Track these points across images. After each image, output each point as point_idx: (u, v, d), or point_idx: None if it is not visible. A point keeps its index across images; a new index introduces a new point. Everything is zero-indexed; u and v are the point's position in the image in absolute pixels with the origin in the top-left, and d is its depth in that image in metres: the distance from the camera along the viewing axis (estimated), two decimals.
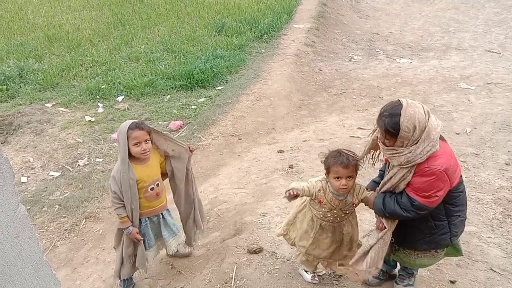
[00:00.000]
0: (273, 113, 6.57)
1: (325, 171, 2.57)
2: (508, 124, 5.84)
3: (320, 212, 2.66)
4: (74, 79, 8.23)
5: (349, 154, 2.47)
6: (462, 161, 4.95)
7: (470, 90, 7.11)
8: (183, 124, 6.50)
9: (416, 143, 2.12)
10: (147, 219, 3.13)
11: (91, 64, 8.66)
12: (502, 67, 8.10)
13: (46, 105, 7.45)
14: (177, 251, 3.60)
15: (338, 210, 2.61)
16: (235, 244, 3.40)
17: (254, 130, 6.18)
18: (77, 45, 9.49)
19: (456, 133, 5.73)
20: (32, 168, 5.84)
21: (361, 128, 5.93)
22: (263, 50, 9.25)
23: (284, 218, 3.82)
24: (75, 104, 7.41)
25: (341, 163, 2.41)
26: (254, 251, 3.17)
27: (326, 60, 9.02)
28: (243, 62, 8.53)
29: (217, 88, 7.62)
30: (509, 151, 5.21)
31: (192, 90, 7.52)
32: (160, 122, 6.60)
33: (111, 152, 6.10)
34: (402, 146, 2.16)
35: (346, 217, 2.67)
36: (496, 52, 9.13)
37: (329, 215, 2.64)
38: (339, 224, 2.67)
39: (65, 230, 4.46)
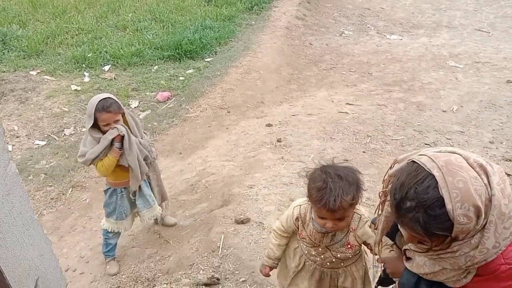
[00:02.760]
0: (262, 87, 6.53)
1: (306, 195, 1.75)
2: (493, 103, 5.91)
3: (304, 245, 1.92)
4: (60, 46, 8.03)
5: (340, 193, 1.59)
6: (447, 139, 5.04)
7: (458, 69, 7.15)
8: (171, 96, 6.43)
9: (483, 228, 1.14)
10: (123, 189, 3.12)
11: (77, 32, 8.42)
12: (490, 46, 8.14)
13: (31, 72, 7.28)
14: (162, 219, 3.65)
15: (325, 249, 1.84)
16: (222, 214, 3.43)
17: (243, 103, 6.15)
18: (63, 12, 9.20)
19: (443, 111, 5.79)
20: (17, 137, 5.75)
21: (349, 104, 5.95)
22: (253, 22, 9.11)
23: (272, 191, 3.88)
24: (61, 73, 7.26)
25: (324, 205, 1.60)
26: (241, 221, 3.21)
27: (316, 34, 8.94)
28: (233, 34, 8.40)
29: (206, 60, 7.51)
30: (493, 130, 5.29)
31: (180, 61, 7.41)
32: (147, 93, 6.52)
33: None
34: (457, 240, 1.18)
35: (343, 264, 1.89)
36: (485, 31, 9.15)
37: (313, 253, 1.89)
38: (332, 272, 1.91)
39: (52, 199, 4.44)
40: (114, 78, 7.05)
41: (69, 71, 7.30)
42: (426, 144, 4.96)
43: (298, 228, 1.87)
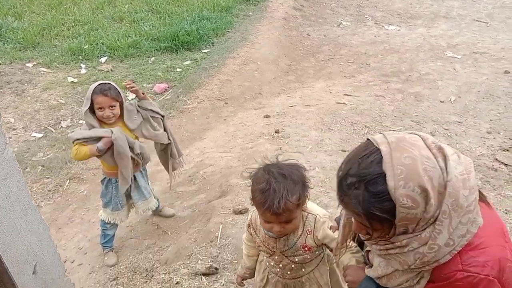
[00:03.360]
0: (260, 78, 6.51)
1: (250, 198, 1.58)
2: (491, 94, 5.91)
3: (265, 257, 1.78)
4: (56, 38, 7.97)
5: (284, 194, 1.44)
6: (445, 129, 5.04)
7: (456, 59, 7.14)
8: (168, 87, 6.40)
9: (434, 222, 0.99)
10: (117, 179, 3.08)
11: (73, 24, 8.36)
12: (488, 36, 8.12)
13: (27, 65, 7.23)
14: (160, 210, 3.66)
15: (281, 257, 1.68)
16: (220, 205, 3.44)
17: (241, 94, 6.13)
18: (59, 3, 9.13)
19: (441, 101, 5.79)
20: (14, 129, 5.72)
21: (347, 95, 5.94)
22: (250, 13, 9.05)
23: None
24: (57, 65, 7.22)
25: (268, 209, 1.44)
26: (240, 211, 3.21)
27: (314, 25, 8.90)
28: (230, 25, 8.34)
29: (203, 51, 7.47)
30: (491, 120, 5.30)
31: (177, 53, 7.37)
32: (144, 85, 6.48)
33: None
34: (406, 233, 1.04)
35: (304, 271, 1.72)
36: (483, 22, 9.12)
37: (272, 264, 1.74)
38: (295, 283, 1.75)
39: (49, 191, 4.43)
40: (111, 70, 7.01)
41: (66, 63, 7.26)
42: None
43: (252, 235, 1.73)
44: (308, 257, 1.68)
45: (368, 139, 1.10)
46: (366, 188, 0.99)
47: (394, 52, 7.47)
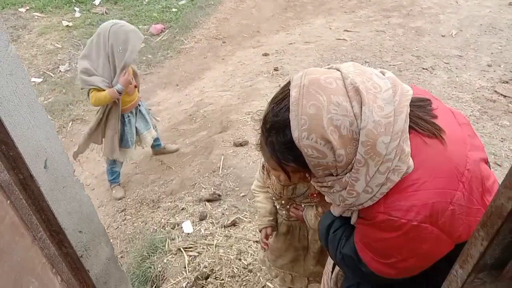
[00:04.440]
0: (258, 15, 6.36)
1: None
2: (494, 27, 5.79)
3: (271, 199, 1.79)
4: None
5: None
6: (445, 63, 5.00)
7: None
8: (164, 28, 6.28)
9: (352, 169, 0.94)
10: (129, 114, 3.14)
11: None
12: None
13: (20, 10, 7.07)
14: (163, 147, 3.73)
15: (287, 202, 1.69)
16: (221, 139, 3.51)
17: (238, 33, 6.02)
18: None
19: (442, 36, 5.69)
20: None
21: (347, 31, 5.83)
22: None
23: None
24: (51, 9, 7.05)
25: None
26: (240, 144, 3.29)
27: None
28: None
29: None
30: (492, 53, 5.24)
31: None
32: (140, 26, 6.35)
33: None
34: (332, 175, 0.99)
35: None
36: None
37: (278, 206, 1.76)
38: (298, 224, 1.76)
39: None
40: (106, 12, 6.85)
41: (59, 7, 7.09)
42: (424, 68, 4.93)
43: (264, 177, 1.71)
44: (316, 201, 1.61)
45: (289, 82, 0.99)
46: (277, 137, 0.94)
47: None
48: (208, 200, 2.76)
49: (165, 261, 2.37)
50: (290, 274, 1.87)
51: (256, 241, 2.15)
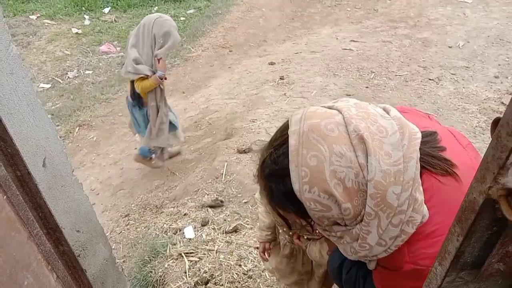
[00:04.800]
0: (265, 25, 6.41)
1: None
2: (501, 38, 5.78)
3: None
4: None
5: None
6: (452, 74, 4.99)
7: (466, 4, 6.93)
8: None
9: (362, 220, 0.85)
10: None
11: None
12: None
13: (31, 17, 7.20)
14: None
15: (290, 230, 1.61)
16: (225, 145, 3.52)
17: (245, 42, 6.07)
18: None
19: (449, 47, 5.69)
20: None
21: (354, 41, 5.85)
22: None
23: (274, 124, 3.95)
24: (61, 16, 7.17)
25: None
26: (243, 150, 3.29)
27: None
28: None
29: None
30: (499, 65, 5.22)
31: (181, 1, 7.26)
32: None
33: (100, 64, 6.02)
34: (339, 225, 0.91)
35: (312, 240, 1.59)
36: None
37: (281, 231, 1.70)
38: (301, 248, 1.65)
39: (60, 137, 4.51)
40: (115, 20, 6.95)
41: (69, 15, 7.21)
42: (430, 79, 4.93)
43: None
44: (318, 235, 1.50)
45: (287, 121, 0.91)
46: (276, 185, 0.87)
47: None
48: (211, 206, 2.76)
49: (166, 265, 2.37)
50: None
51: (257, 247, 2.14)
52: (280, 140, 0.88)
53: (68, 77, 5.83)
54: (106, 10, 7.23)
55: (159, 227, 2.83)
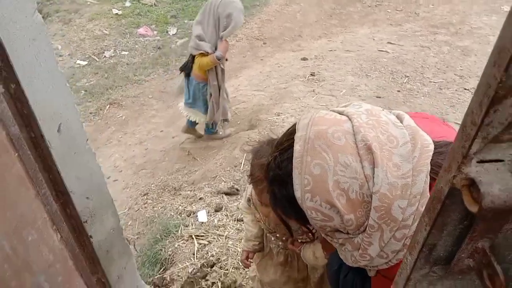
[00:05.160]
0: (302, 20, 6.37)
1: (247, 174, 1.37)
2: None
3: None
4: None
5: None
6: None
7: None
8: None
9: (364, 231, 0.83)
10: None
11: None
12: None
13: None
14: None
15: (283, 235, 1.55)
16: (247, 136, 3.54)
17: (280, 35, 6.06)
18: None
19: None
20: (60, 56, 5.99)
21: (391, 43, 5.74)
22: None
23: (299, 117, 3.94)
24: None
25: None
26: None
27: None
28: None
29: None
30: None
31: None
32: (186, 21, 6.52)
33: (137, 46, 6.15)
34: (342, 232, 0.89)
35: (305, 244, 1.51)
36: None
37: (273, 239, 1.63)
38: (296, 254, 1.60)
39: (90, 113, 4.69)
40: (155, 4, 7.07)
41: None
42: (465, 89, 4.78)
43: (252, 210, 1.56)
44: (310, 237, 1.45)
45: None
46: (279, 189, 0.86)
47: (447, 3, 7.04)
48: (226, 193, 2.80)
49: (176, 245, 2.42)
50: None
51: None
52: (286, 144, 0.86)
53: (105, 56, 5.99)
54: None
55: (175, 209, 2.89)
